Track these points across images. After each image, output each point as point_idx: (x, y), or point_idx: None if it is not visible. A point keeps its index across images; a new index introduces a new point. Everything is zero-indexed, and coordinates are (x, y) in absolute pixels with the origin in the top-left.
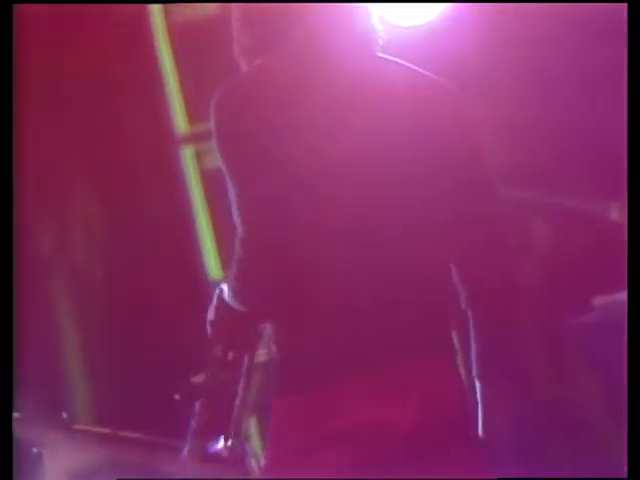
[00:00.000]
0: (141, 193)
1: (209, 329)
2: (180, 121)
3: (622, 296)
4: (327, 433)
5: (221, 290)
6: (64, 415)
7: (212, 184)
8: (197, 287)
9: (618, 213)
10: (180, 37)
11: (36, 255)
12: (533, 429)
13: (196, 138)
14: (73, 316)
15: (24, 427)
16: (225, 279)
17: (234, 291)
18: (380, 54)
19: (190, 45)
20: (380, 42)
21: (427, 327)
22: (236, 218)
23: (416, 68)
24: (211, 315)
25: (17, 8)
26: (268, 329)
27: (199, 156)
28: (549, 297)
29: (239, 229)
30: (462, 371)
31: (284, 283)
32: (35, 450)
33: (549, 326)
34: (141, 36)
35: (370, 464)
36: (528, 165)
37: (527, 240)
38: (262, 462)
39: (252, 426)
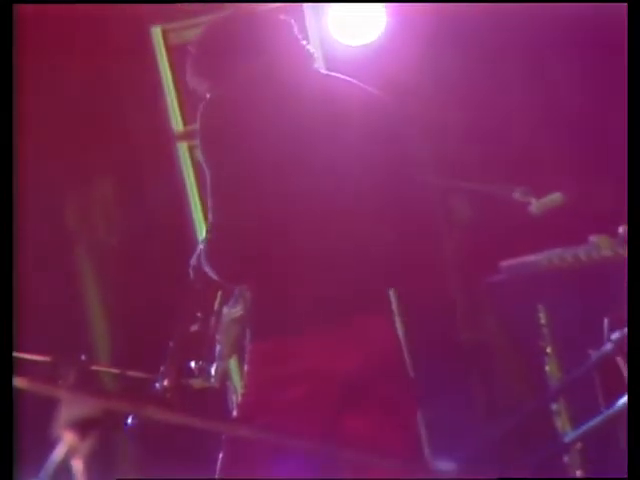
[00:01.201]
0: (145, 178)
1: (191, 272)
2: (176, 121)
3: (524, 259)
4: (289, 374)
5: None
6: (83, 357)
7: (201, 172)
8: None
9: (520, 195)
10: (176, 51)
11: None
12: (455, 365)
13: (189, 135)
14: (93, 272)
15: (51, 369)
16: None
17: (205, 259)
18: (321, 70)
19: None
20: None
21: (370, 293)
22: (210, 199)
23: (354, 81)
24: (194, 261)
25: (17, 8)
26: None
27: (191, 150)
28: (467, 262)
29: (210, 208)
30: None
31: (249, 254)
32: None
33: (467, 285)
34: (141, 39)
35: (324, 399)
36: (455, 160)
37: (450, 218)
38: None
39: (232, 365)
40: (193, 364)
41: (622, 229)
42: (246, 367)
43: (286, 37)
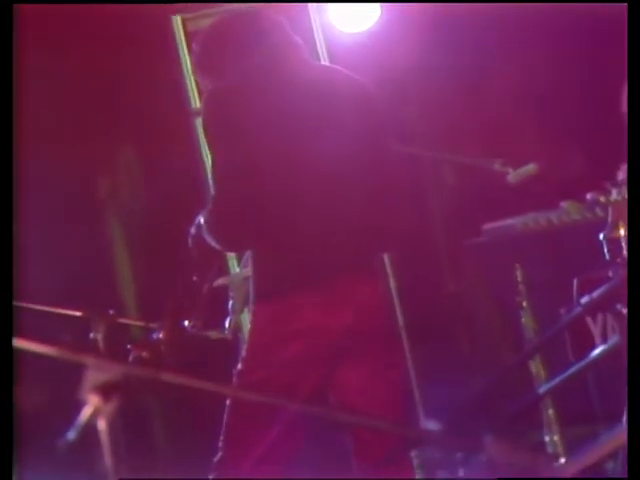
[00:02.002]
0: (166, 149)
1: (189, 240)
2: (194, 99)
3: (503, 223)
4: (287, 332)
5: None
6: (111, 312)
7: None
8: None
9: (499, 166)
10: (193, 37)
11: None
12: (443, 315)
13: None
14: (119, 235)
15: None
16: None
17: (207, 230)
18: (310, 60)
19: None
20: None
21: (356, 254)
22: (212, 174)
23: (338, 68)
24: (192, 230)
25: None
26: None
27: None
28: (453, 225)
29: (213, 182)
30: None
31: (248, 224)
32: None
33: (452, 246)
34: (164, 26)
35: (319, 354)
36: (444, 134)
37: (439, 186)
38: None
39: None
40: (187, 322)
41: (589, 195)
42: (249, 325)
43: (279, 34)
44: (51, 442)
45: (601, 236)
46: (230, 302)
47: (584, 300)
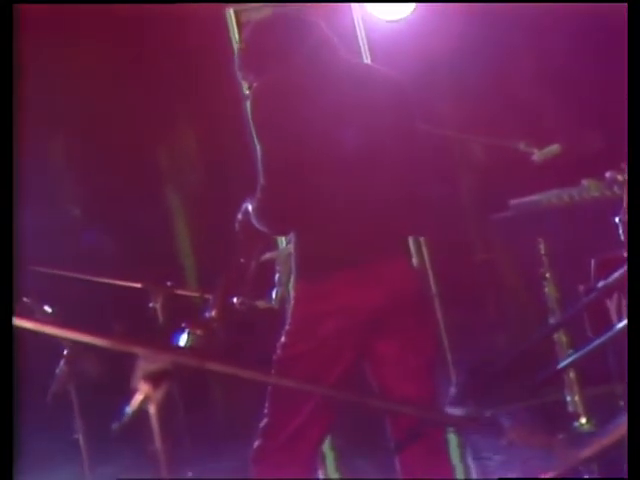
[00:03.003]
0: (219, 128)
1: (237, 225)
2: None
3: (528, 199)
4: (325, 309)
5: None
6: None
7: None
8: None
9: (524, 146)
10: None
11: None
12: (471, 283)
13: None
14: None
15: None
16: (251, 202)
17: (256, 217)
18: (347, 57)
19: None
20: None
21: (390, 237)
22: (261, 165)
23: (370, 64)
24: (240, 216)
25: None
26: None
27: None
28: (482, 202)
29: (262, 172)
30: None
31: (292, 212)
32: None
33: (480, 220)
34: (219, 17)
35: (352, 330)
36: (473, 117)
37: (470, 165)
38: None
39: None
40: (235, 299)
41: (608, 174)
42: (292, 302)
43: (316, 34)
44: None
45: (617, 219)
46: (277, 275)
47: (601, 284)
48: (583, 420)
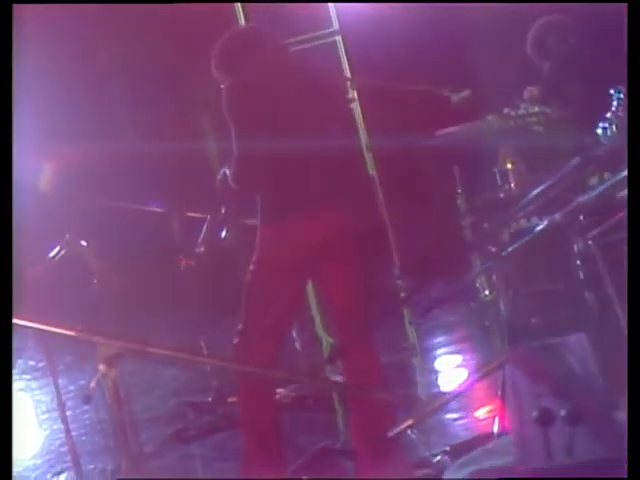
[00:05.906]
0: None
1: (217, 184)
2: None
3: (448, 130)
4: (280, 244)
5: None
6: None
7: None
8: None
9: (447, 91)
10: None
11: None
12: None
13: None
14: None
15: None
16: (227, 169)
17: (231, 179)
18: (290, 55)
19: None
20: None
21: (331, 189)
22: (234, 140)
23: (307, 57)
24: (219, 177)
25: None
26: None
27: None
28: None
29: (235, 145)
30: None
31: (259, 174)
32: None
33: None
34: (228, 10)
35: (303, 261)
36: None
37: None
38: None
39: None
40: (223, 234)
41: (505, 110)
42: (257, 239)
43: (271, 44)
44: None
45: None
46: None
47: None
48: (487, 293)
